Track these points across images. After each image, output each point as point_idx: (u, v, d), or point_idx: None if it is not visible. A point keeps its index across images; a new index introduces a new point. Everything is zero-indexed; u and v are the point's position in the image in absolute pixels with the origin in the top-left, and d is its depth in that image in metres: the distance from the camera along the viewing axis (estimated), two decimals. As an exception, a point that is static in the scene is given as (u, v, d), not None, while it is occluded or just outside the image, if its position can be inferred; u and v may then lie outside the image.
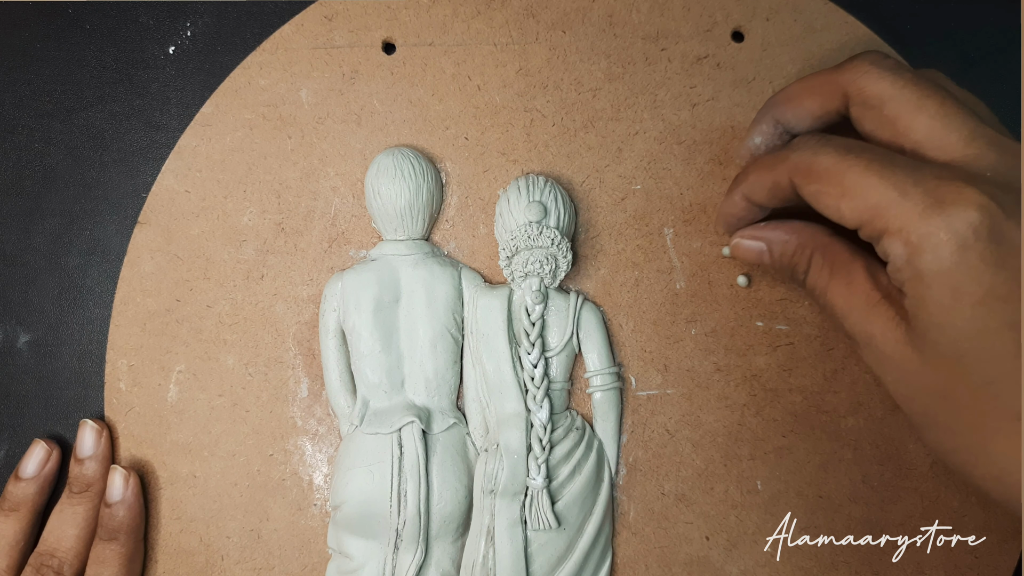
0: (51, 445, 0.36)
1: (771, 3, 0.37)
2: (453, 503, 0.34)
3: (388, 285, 0.35)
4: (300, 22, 0.37)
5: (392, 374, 0.35)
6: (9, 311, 0.38)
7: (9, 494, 0.35)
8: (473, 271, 0.36)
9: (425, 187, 0.35)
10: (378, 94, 0.37)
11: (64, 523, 0.34)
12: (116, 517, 0.34)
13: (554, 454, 0.34)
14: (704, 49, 0.37)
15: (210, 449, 0.36)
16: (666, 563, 0.35)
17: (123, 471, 0.35)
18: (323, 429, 0.36)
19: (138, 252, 0.37)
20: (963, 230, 0.22)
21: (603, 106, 0.37)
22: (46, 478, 0.36)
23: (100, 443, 0.36)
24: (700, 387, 0.36)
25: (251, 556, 0.36)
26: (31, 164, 0.38)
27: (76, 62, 0.38)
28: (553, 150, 0.37)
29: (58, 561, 0.34)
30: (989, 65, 0.38)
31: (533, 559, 0.33)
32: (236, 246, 0.37)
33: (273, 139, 0.37)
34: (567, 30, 0.37)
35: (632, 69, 0.37)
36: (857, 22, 0.37)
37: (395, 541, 0.33)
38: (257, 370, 0.36)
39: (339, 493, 0.34)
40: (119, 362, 0.37)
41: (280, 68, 0.37)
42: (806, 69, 0.37)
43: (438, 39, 0.37)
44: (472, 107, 0.37)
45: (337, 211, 0.37)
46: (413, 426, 0.34)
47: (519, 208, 0.34)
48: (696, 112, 0.37)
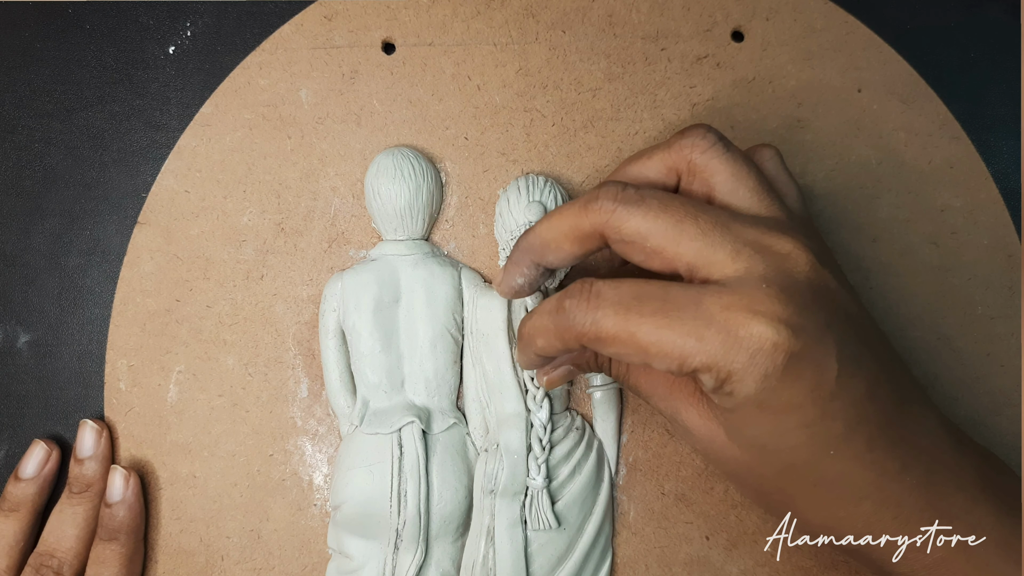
0: (51, 445, 0.36)
1: (771, 3, 0.37)
2: (453, 503, 0.34)
3: (388, 285, 0.35)
4: (300, 22, 0.37)
5: (392, 374, 0.35)
6: (9, 311, 0.38)
7: (9, 494, 0.35)
8: (473, 271, 0.36)
9: (425, 187, 0.35)
10: (378, 94, 0.37)
11: (64, 523, 0.34)
12: (116, 517, 0.34)
13: (554, 454, 0.34)
14: (704, 49, 0.37)
15: (210, 449, 0.36)
16: (666, 563, 0.35)
17: (123, 471, 0.35)
18: (323, 429, 0.36)
19: (138, 252, 0.37)
20: (762, 362, 0.24)
21: (603, 106, 0.37)
22: (46, 478, 0.36)
23: (100, 443, 0.35)
24: (700, 387, 0.36)
25: (251, 556, 0.36)
26: (31, 164, 0.38)
27: (76, 62, 0.38)
28: (553, 150, 0.37)
29: (58, 561, 0.34)
30: (989, 65, 0.38)
31: (533, 559, 0.33)
32: (236, 246, 0.37)
33: (273, 139, 0.37)
34: (567, 30, 0.37)
35: (632, 69, 0.37)
36: (857, 22, 0.37)
37: (395, 541, 0.33)
38: (257, 370, 0.36)
39: (339, 493, 0.34)
40: (119, 362, 0.37)
41: (280, 68, 0.37)
42: (806, 69, 0.37)
43: (438, 39, 0.37)
44: (472, 107, 0.37)
45: (337, 211, 0.37)
46: (413, 426, 0.34)
47: (519, 208, 0.34)
48: (696, 112, 0.37)
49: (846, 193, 0.37)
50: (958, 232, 0.37)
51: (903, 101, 0.37)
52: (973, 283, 0.37)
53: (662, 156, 0.30)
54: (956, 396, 0.36)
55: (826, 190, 0.37)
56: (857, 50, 0.37)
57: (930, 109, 0.37)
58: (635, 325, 0.25)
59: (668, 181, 0.30)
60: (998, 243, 0.37)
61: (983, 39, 0.38)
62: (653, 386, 0.29)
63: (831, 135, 0.37)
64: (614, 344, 0.26)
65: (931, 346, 0.36)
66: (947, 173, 0.37)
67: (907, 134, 0.37)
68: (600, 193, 0.27)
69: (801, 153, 0.37)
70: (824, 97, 0.37)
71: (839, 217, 0.37)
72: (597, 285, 0.26)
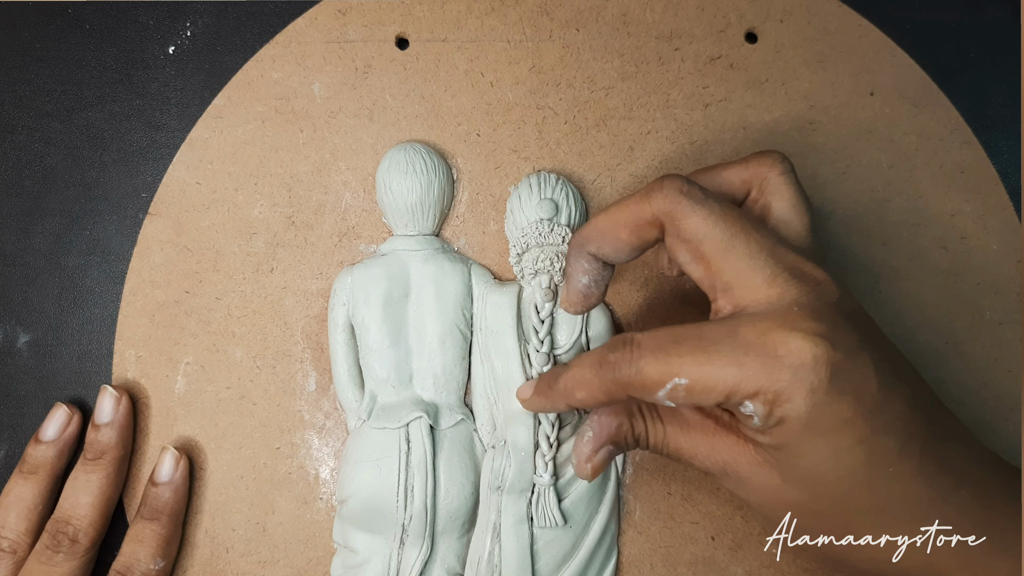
0: (72, 409, 0.36)
1: (785, 5, 0.37)
2: (459, 499, 0.34)
3: (398, 280, 0.35)
4: (314, 16, 0.37)
5: (400, 369, 0.35)
6: (9, 311, 0.37)
7: (28, 456, 0.35)
8: (483, 268, 0.36)
9: (436, 183, 0.35)
10: (390, 89, 0.37)
11: (78, 491, 0.34)
12: (161, 498, 0.34)
13: (561, 452, 0.34)
14: (717, 50, 0.37)
15: (217, 442, 0.36)
16: (671, 562, 0.35)
17: (175, 452, 0.35)
18: (330, 423, 0.36)
19: (148, 243, 0.37)
20: (807, 376, 0.24)
21: (616, 105, 0.37)
22: (66, 442, 0.35)
23: (119, 410, 0.35)
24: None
25: (256, 549, 0.36)
26: (31, 164, 0.38)
27: (76, 62, 0.38)
28: (565, 148, 0.37)
29: (73, 528, 0.33)
30: (989, 65, 0.38)
31: (539, 556, 0.33)
32: (246, 239, 0.37)
33: (285, 132, 0.37)
34: (581, 28, 0.37)
35: (645, 68, 0.37)
36: (871, 25, 0.37)
37: (401, 536, 0.33)
38: (265, 363, 0.36)
39: (345, 487, 0.34)
40: (127, 353, 0.37)
41: (293, 62, 0.37)
42: (819, 71, 0.37)
43: (451, 35, 0.37)
44: (484, 104, 0.37)
45: (348, 205, 0.37)
46: (421, 421, 0.34)
47: (530, 205, 0.34)
48: (708, 112, 0.37)
49: (856, 196, 0.37)
50: (968, 237, 0.37)
51: (915, 105, 0.37)
52: (982, 288, 0.37)
53: (738, 169, 0.30)
54: (963, 401, 0.36)
55: (837, 193, 0.37)
56: (870, 53, 0.37)
57: (941, 113, 0.37)
58: (676, 366, 0.25)
59: (738, 193, 0.31)
60: (1007, 248, 0.37)
61: (984, 39, 0.38)
62: (695, 446, 0.29)
63: (843, 138, 0.37)
64: (659, 387, 0.26)
65: (939, 351, 0.36)
66: (958, 178, 0.37)
67: (918, 138, 0.37)
68: (665, 183, 0.28)
69: (812, 155, 0.37)
70: (836, 100, 0.37)
71: (849, 220, 0.37)
72: (636, 337, 0.27)
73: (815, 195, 0.37)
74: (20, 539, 0.34)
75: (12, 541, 0.34)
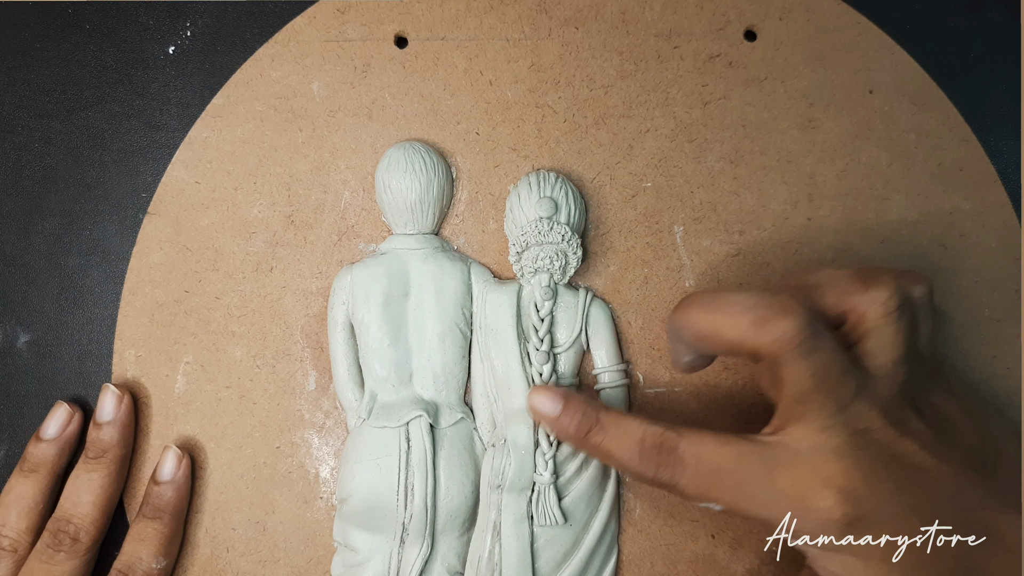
0: (73, 408, 0.36)
1: (784, 2, 0.37)
2: (460, 498, 0.34)
3: (397, 279, 0.35)
4: (312, 15, 0.37)
5: (400, 368, 0.35)
6: (9, 311, 0.37)
7: (29, 455, 0.35)
8: (482, 266, 0.36)
9: (435, 182, 0.35)
10: (390, 88, 0.37)
11: (79, 489, 0.34)
12: (163, 497, 0.34)
13: (561, 450, 0.34)
14: (716, 47, 0.37)
15: (217, 441, 0.36)
16: (672, 560, 0.36)
17: (177, 451, 0.35)
18: (330, 422, 0.36)
19: (147, 243, 0.37)
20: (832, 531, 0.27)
21: (615, 103, 0.37)
22: (67, 441, 0.35)
23: (120, 409, 0.35)
24: (708, 385, 0.36)
25: (256, 548, 0.36)
26: (31, 164, 0.38)
27: (76, 62, 0.38)
28: (564, 146, 0.37)
29: (74, 527, 0.33)
30: (990, 65, 0.38)
31: (539, 555, 0.33)
32: (246, 238, 0.37)
33: (284, 131, 0.37)
34: (580, 26, 0.37)
35: (644, 66, 0.37)
36: (870, 23, 0.37)
37: (401, 535, 0.33)
38: (265, 362, 0.36)
39: (346, 486, 0.34)
40: (126, 352, 0.37)
41: (292, 60, 0.37)
42: (818, 69, 0.37)
43: (450, 34, 0.37)
44: (483, 102, 0.37)
45: (347, 204, 0.37)
46: (421, 420, 0.34)
47: (530, 204, 0.34)
48: (708, 110, 0.37)
49: (856, 194, 0.37)
50: (966, 235, 0.37)
51: (914, 103, 0.37)
52: (980, 286, 0.37)
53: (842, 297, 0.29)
54: (962, 398, 0.36)
55: (836, 191, 0.37)
56: (869, 51, 0.37)
57: (941, 111, 0.37)
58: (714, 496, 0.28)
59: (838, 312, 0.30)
60: (1006, 246, 0.37)
61: (984, 39, 0.38)
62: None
63: (842, 136, 0.37)
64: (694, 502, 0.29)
65: (937, 348, 0.36)
66: (957, 176, 0.37)
67: (917, 136, 0.37)
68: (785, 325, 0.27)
69: (812, 153, 0.37)
70: (835, 98, 0.37)
71: (848, 218, 0.37)
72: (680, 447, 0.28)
73: (815, 194, 0.37)
74: (21, 538, 0.34)
75: (13, 540, 0.34)
